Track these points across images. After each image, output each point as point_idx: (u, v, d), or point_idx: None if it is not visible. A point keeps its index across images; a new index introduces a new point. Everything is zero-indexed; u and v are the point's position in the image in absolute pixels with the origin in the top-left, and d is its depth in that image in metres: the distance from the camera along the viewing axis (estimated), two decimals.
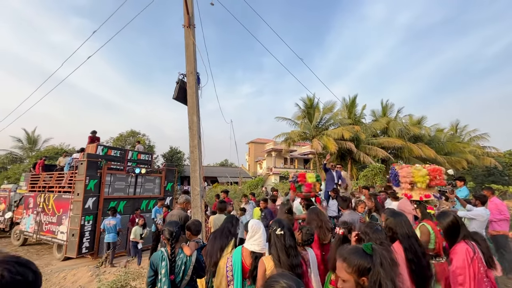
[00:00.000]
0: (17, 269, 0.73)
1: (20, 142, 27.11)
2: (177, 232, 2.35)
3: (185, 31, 4.60)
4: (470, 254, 2.25)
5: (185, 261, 2.32)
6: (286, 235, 2.09)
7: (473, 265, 2.22)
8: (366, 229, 2.12)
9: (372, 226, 2.13)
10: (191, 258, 2.34)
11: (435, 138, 21.77)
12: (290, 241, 2.09)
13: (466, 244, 2.32)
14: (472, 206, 4.60)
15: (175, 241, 2.34)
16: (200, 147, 4.27)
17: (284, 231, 2.10)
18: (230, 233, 2.79)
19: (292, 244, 2.09)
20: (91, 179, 7.96)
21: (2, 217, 11.27)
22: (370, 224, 2.18)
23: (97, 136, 10.55)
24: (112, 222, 7.22)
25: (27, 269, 0.75)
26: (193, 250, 2.38)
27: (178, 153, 29.34)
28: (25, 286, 0.73)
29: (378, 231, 2.09)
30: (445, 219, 2.51)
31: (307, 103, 20.61)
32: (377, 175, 12.95)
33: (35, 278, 0.75)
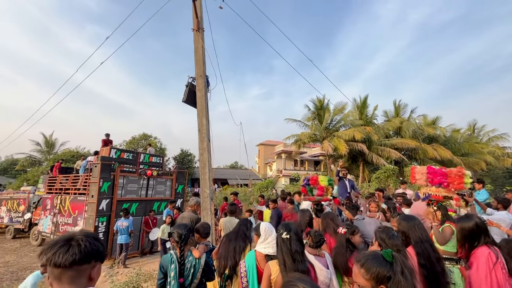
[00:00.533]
0: (94, 242, 1.06)
1: (38, 145, 28.22)
2: (186, 235, 2.34)
3: (194, 34, 4.66)
4: (493, 259, 2.13)
5: (194, 264, 2.31)
6: (292, 240, 2.01)
7: (495, 270, 2.10)
8: (382, 235, 2.04)
9: (388, 232, 2.04)
10: (200, 261, 2.34)
11: (451, 139, 21.06)
12: (296, 246, 2.01)
13: (489, 248, 2.20)
14: (493, 209, 4.39)
15: (184, 244, 2.33)
16: (209, 149, 4.29)
17: (290, 235, 2.03)
18: (246, 237, 2.77)
19: (298, 249, 2.01)
20: (104, 182, 8.14)
21: (21, 218, 11.71)
22: (386, 230, 2.08)
23: (110, 139, 10.82)
24: (125, 223, 7.36)
25: (100, 243, 1.09)
26: (202, 253, 2.38)
27: (188, 156, 29.69)
28: (97, 255, 1.05)
29: (394, 237, 2.00)
30: (468, 221, 2.37)
31: (317, 104, 20.42)
32: (390, 177, 12.61)
33: (103, 250, 1.11)
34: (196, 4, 4.53)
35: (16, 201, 12.36)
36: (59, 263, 0.95)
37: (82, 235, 1.04)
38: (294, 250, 1.97)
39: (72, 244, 0.99)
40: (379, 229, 2.10)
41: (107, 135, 10.77)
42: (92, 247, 1.03)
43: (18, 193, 12.97)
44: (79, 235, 1.03)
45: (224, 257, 2.64)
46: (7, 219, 12.47)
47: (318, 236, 2.48)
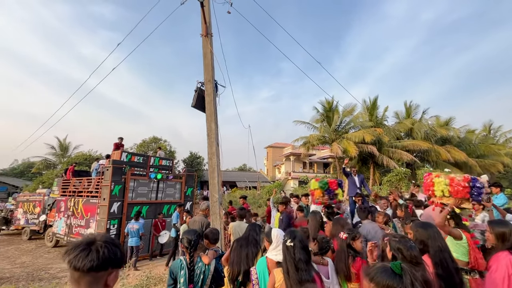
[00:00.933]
0: (113, 248, 1.05)
1: (53, 149, 29.08)
2: (195, 240, 2.34)
3: (203, 40, 4.71)
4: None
5: (203, 270, 2.31)
6: (296, 248, 1.94)
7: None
8: (399, 245, 1.87)
9: (406, 243, 1.88)
10: (210, 267, 2.33)
11: (466, 140, 20.44)
12: (300, 254, 1.93)
13: (510, 254, 2.11)
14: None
15: (193, 249, 2.33)
16: (218, 154, 4.31)
17: (295, 243, 1.96)
18: (256, 242, 2.75)
19: (302, 258, 1.92)
20: (116, 185, 8.30)
21: (37, 220, 12.06)
22: (403, 240, 1.92)
23: (122, 143, 11.04)
24: (136, 226, 7.44)
25: (118, 250, 1.09)
26: (211, 259, 2.37)
27: (197, 158, 29.93)
28: (114, 262, 1.05)
29: (413, 248, 1.84)
30: (502, 227, 2.25)
31: (326, 106, 20.23)
32: (402, 180, 12.32)
33: (121, 256, 1.10)
34: (204, 10, 4.58)
35: (32, 203, 12.76)
36: (78, 267, 0.96)
37: (102, 241, 1.04)
38: (297, 258, 1.91)
39: (91, 249, 0.99)
40: (394, 239, 1.95)
41: (120, 138, 11.00)
42: (110, 254, 1.02)
43: (34, 196, 13.39)
44: (99, 241, 1.04)
45: (237, 263, 2.61)
46: (24, 220, 12.87)
47: (325, 242, 2.42)
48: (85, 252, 0.98)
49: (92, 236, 1.06)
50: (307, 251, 2.01)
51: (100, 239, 1.04)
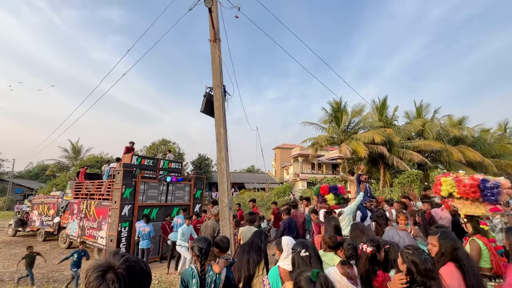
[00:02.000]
0: (133, 278, 0.89)
1: (66, 152, 29.88)
2: (206, 249, 2.32)
3: (211, 45, 4.74)
4: None
5: (214, 279, 2.30)
6: (312, 257, 1.96)
7: None
8: (414, 258, 1.78)
9: (420, 255, 1.79)
10: (221, 276, 2.33)
11: (480, 140, 19.85)
12: (316, 263, 1.97)
13: None
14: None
15: (204, 258, 2.31)
16: (227, 159, 4.32)
17: (309, 252, 1.98)
18: (260, 249, 2.73)
19: (318, 267, 1.94)
20: (127, 188, 8.43)
21: (51, 222, 12.38)
22: (417, 253, 1.82)
23: (133, 147, 11.22)
24: (147, 229, 7.52)
25: (140, 276, 0.93)
26: (222, 268, 2.36)
27: (206, 160, 30.17)
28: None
29: (427, 261, 1.75)
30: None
31: (334, 106, 20.05)
32: (414, 182, 12.05)
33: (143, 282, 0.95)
34: (212, 16, 4.61)
35: (46, 205, 13.11)
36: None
37: (122, 268, 0.88)
38: (314, 268, 1.85)
39: (106, 278, 0.85)
40: (407, 251, 1.83)
41: (132, 143, 11.18)
42: (128, 286, 0.87)
43: (48, 198, 13.75)
44: (119, 268, 0.87)
45: (238, 269, 2.61)
46: (39, 222, 13.24)
47: (352, 249, 2.29)
48: (98, 281, 0.85)
49: (111, 260, 0.90)
50: (320, 260, 2.06)
51: (120, 265, 0.88)
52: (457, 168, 16.02)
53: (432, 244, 2.24)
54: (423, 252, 1.85)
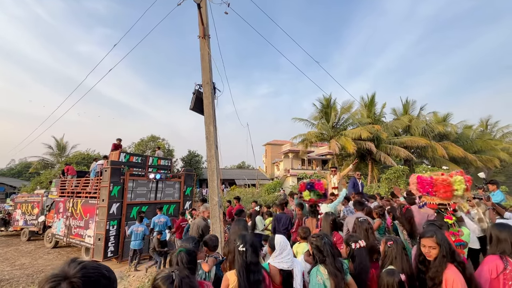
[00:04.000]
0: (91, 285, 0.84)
1: (51, 148, 28.90)
2: (195, 248, 2.33)
3: (200, 42, 4.67)
4: (499, 269, 2.08)
5: (203, 277, 2.32)
6: (248, 252, 2.11)
7: (496, 281, 2.05)
8: (316, 243, 2.28)
9: (322, 240, 2.24)
10: (210, 275, 2.35)
11: (463, 136, 20.60)
12: (251, 257, 2.11)
13: (500, 258, 2.15)
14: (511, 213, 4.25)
15: None
16: (217, 156, 4.30)
17: (246, 248, 2.12)
18: None
19: (253, 261, 2.10)
20: (115, 186, 8.27)
21: (36, 221, 12.04)
22: (319, 239, 2.28)
23: (120, 144, 11.00)
24: (140, 229, 7.42)
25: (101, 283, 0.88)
26: (211, 266, 2.38)
27: (196, 156, 29.89)
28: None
29: (327, 244, 2.22)
30: (501, 230, 2.28)
31: (324, 103, 20.27)
32: (400, 178, 12.38)
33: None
34: (201, 12, 4.53)
35: (30, 204, 12.71)
36: None
37: (78, 276, 0.80)
38: (249, 261, 2.09)
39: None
40: (313, 238, 2.33)
41: (119, 140, 10.95)
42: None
43: (32, 197, 13.33)
44: (74, 276, 0.80)
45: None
46: (22, 222, 12.84)
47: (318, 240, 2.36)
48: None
49: (66, 268, 0.83)
50: (257, 254, 2.19)
51: (75, 273, 0.81)
52: (441, 164, 16.59)
53: (431, 247, 2.13)
54: (325, 237, 2.26)
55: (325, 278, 2.10)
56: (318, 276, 2.12)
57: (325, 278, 2.10)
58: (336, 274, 2.09)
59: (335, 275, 2.08)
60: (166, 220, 7.61)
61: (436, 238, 2.12)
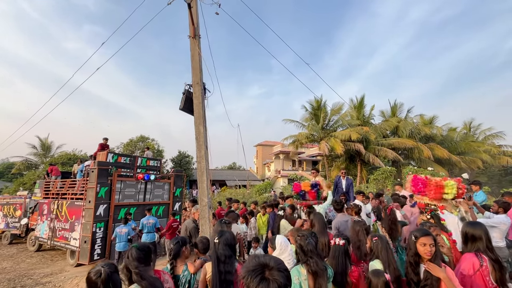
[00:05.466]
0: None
1: (35, 148, 27.94)
2: (175, 249, 2.41)
3: (191, 42, 4.63)
4: (475, 266, 2.17)
5: (189, 279, 2.32)
6: (220, 244, 2.30)
7: (475, 277, 2.14)
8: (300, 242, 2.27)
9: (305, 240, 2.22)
10: (196, 277, 2.34)
11: (448, 138, 21.27)
12: (222, 250, 2.28)
13: (475, 256, 2.23)
14: (491, 213, 4.41)
15: (173, 258, 2.42)
16: (207, 157, 4.28)
17: (220, 240, 2.32)
18: None
19: (224, 253, 2.27)
20: (102, 187, 8.09)
21: (18, 223, 11.60)
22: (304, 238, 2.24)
23: (107, 144, 10.76)
24: (124, 230, 7.27)
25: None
26: (197, 268, 2.37)
27: (186, 157, 29.60)
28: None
29: (310, 244, 2.20)
30: (474, 228, 2.35)
31: (314, 105, 20.49)
32: (388, 178, 12.66)
33: None
34: (192, 12, 4.50)
35: (12, 206, 12.25)
36: None
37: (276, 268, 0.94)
38: (219, 253, 2.27)
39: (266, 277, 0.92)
40: (298, 237, 2.31)
41: (105, 139, 10.71)
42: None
43: (14, 198, 12.85)
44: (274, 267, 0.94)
45: None
46: (4, 224, 12.35)
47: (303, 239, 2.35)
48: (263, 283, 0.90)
49: (263, 260, 0.98)
50: (231, 247, 2.36)
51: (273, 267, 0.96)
52: (427, 165, 17.06)
53: (432, 245, 2.14)
54: (309, 237, 2.27)
55: (302, 279, 2.07)
56: (296, 276, 2.09)
57: (302, 279, 2.07)
58: (318, 273, 2.06)
59: (316, 274, 2.06)
60: (155, 222, 7.51)
61: (434, 236, 2.21)
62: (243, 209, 7.90)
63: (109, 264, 1.67)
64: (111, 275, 1.60)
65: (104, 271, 1.58)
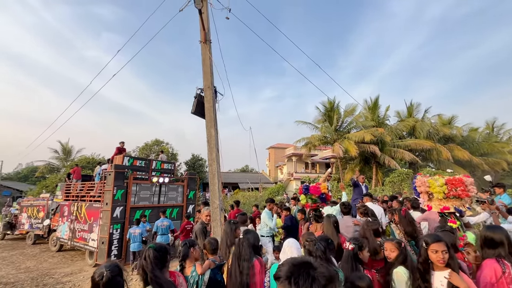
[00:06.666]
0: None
1: (56, 153, 29.29)
2: (183, 250, 2.48)
3: (202, 47, 4.73)
4: (498, 273, 2.04)
5: (196, 280, 2.34)
6: (244, 241, 2.49)
7: (498, 285, 2.02)
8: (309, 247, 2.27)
9: (314, 245, 2.24)
10: (203, 278, 2.36)
11: (469, 138, 20.35)
12: (245, 247, 2.48)
13: (497, 262, 2.11)
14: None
15: (182, 259, 2.49)
16: (218, 160, 4.32)
17: (243, 238, 2.54)
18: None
19: (247, 251, 2.46)
20: (118, 189, 8.34)
21: (41, 224, 12.15)
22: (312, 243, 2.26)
23: (124, 148, 11.10)
24: (137, 231, 7.46)
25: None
26: (205, 269, 2.39)
27: (199, 160, 30.01)
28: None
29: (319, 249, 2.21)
30: (494, 232, 2.23)
31: (327, 106, 20.25)
32: (404, 181, 12.25)
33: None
34: (203, 17, 4.60)
35: (36, 208, 12.86)
36: None
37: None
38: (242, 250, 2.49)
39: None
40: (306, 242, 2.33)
41: (122, 143, 11.07)
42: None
43: (37, 200, 13.49)
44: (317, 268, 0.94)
45: None
46: (28, 225, 12.98)
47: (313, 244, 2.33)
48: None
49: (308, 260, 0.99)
50: (254, 247, 2.55)
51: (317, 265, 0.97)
52: (446, 167, 16.39)
53: (444, 251, 2.02)
54: (318, 242, 2.25)
55: None
56: None
57: None
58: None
59: None
60: (169, 224, 7.64)
61: (446, 242, 2.07)
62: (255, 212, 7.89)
63: (112, 266, 1.67)
64: (113, 279, 1.61)
65: (106, 274, 1.59)
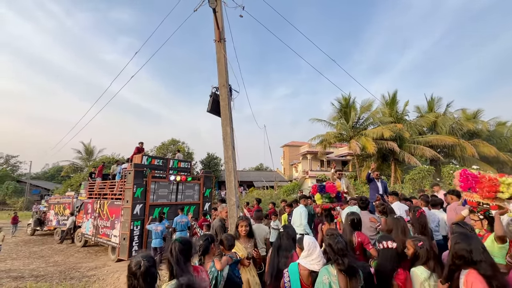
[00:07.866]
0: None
1: (79, 153, 30.73)
2: (203, 245, 2.45)
3: (216, 45, 4.78)
4: None
5: (216, 275, 2.36)
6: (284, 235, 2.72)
7: None
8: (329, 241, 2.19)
9: (335, 239, 2.17)
10: (222, 273, 2.38)
11: (496, 133, 19.16)
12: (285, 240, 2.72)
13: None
14: None
15: (201, 254, 2.46)
16: (234, 157, 4.36)
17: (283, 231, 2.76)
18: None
19: (286, 243, 2.69)
20: (138, 187, 8.62)
21: (67, 221, 12.81)
22: (333, 237, 2.20)
23: (143, 147, 11.45)
24: (159, 228, 7.67)
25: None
26: (224, 265, 2.41)
27: (215, 159, 30.41)
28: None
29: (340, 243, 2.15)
30: None
31: (342, 103, 19.81)
32: (425, 178, 11.76)
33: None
34: (217, 16, 4.64)
35: (62, 205, 13.57)
36: None
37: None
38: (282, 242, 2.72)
39: None
40: (326, 236, 2.27)
41: (141, 143, 11.44)
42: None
43: (63, 198, 14.24)
44: None
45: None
46: (55, 221, 13.73)
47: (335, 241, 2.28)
48: None
49: None
50: (293, 239, 2.73)
51: None
52: (471, 164, 15.57)
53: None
54: (339, 236, 2.22)
55: (332, 280, 2.01)
56: (325, 276, 2.04)
57: (332, 279, 2.01)
58: (348, 271, 2.00)
59: (347, 272, 2.00)
60: (187, 221, 7.81)
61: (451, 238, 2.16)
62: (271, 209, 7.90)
63: (148, 257, 1.72)
64: (149, 269, 1.66)
65: (144, 264, 1.64)
